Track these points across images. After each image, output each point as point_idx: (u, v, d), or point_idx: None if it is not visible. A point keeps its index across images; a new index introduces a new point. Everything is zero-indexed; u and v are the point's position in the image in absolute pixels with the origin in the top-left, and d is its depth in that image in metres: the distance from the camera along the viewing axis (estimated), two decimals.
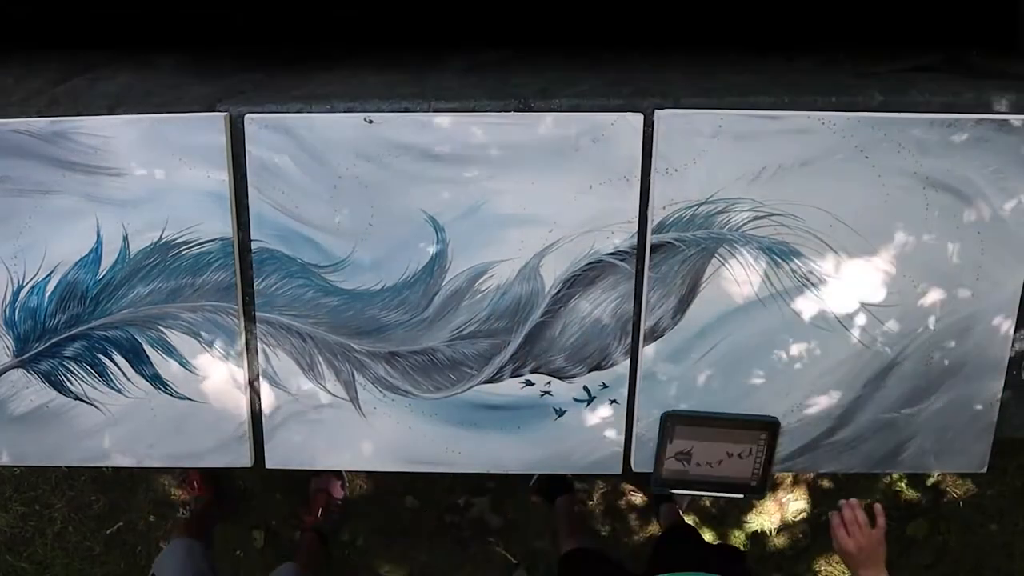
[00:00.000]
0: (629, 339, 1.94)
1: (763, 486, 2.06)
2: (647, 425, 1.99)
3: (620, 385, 1.97)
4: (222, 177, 1.83)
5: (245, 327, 1.94)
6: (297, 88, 1.90)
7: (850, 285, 1.91)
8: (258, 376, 1.97)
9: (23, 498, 3.54)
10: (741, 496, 2.09)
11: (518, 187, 1.84)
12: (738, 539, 3.41)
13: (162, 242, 1.87)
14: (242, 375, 1.96)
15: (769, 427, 1.99)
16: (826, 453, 2.03)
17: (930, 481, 3.43)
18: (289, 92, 1.89)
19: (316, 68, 2.00)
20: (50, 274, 1.90)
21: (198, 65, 2.02)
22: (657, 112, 1.81)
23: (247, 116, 1.81)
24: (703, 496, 2.02)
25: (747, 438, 2.00)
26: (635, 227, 1.87)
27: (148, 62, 2.03)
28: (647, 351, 1.94)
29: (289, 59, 2.05)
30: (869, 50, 2.02)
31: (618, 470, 2.04)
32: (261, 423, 2.01)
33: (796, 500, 3.39)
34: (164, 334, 1.93)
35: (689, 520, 3.22)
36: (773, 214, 1.86)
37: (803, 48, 2.05)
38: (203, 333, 1.93)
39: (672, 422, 1.98)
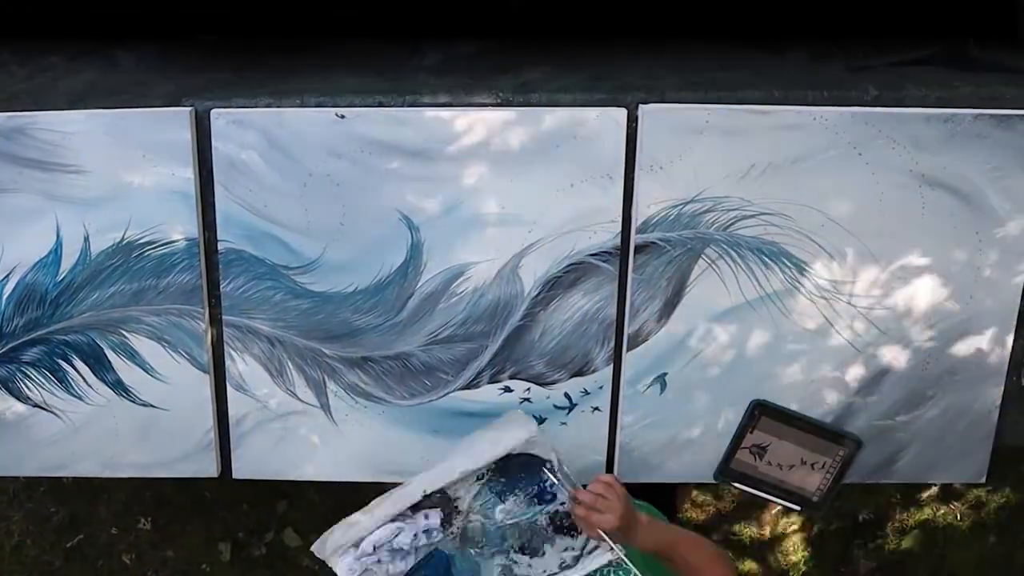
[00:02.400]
0: (612, 344, 1.97)
1: (824, 504, 2.09)
2: (631, 434, 2.03)
3: (602, 392, 2.00)
4: (187, 175, 1.86)
5: (211, 331, 1.97)
6: (266, 83, 1.93)
7: (842, 287, 1.94)
8: (225, 382, 2.00)
9: None
10: (798, 509, 2.11)
11: (496, 185, 1.87)
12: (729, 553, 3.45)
13: (125, 242, 1.90)
14: (208, 381, 1.99)
15: (851, 444, 2.03)
16: None
17: (926, 491, 3.45)
18: (257, 87, 1.91)
19: (286, 62, 2.02)
20: (7, 276, 1.92)
21: (163, 62, 2.04)
22: (641, 107, 1.85)
23: (213, 111, 1.84)
24: (762, 498, 2.04)
25: (826, 450, 2.03)
26: (618, 227, 1.90)
27: (112, 59, 2.06)
28: (631, 356, 1.97)
29: (258, 54, 2.07)
30: (863, 43, 2.05)
31: None
32: (228, 431, 2.04)
33: (785, 512, 3.42)
34: (127, 338, 1.96)
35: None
36: (762, 213, 1.89)
37: (794, 41, 2.07)
38: (167, 337, 1.96)
39: (760, 412, 2.01)
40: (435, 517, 1.80)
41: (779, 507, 2.20)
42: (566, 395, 2.01)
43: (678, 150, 1.86)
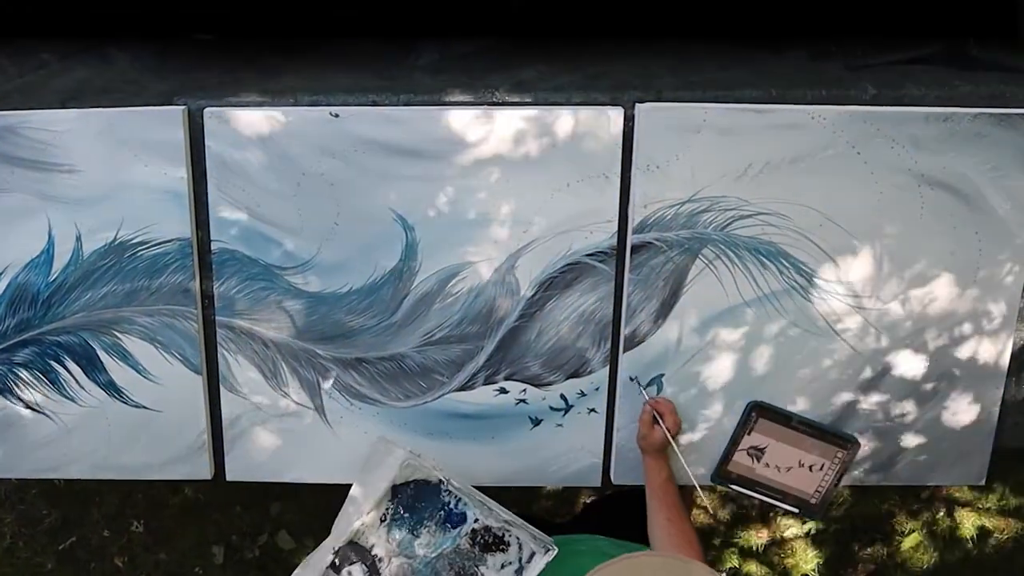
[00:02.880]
0: (608, 345, 1.98)
1: (821, 507, 2.10)
2: (627, 435, 2.03)
3: (599, 393, 2.01)
4: (180, 174, 1.87)
5: (204, 332, 1.98)
6: (260, 82, 1.94)
7: (841, 287, 1.95)
8: (218, 384, 2.01)
9: None
10: (796, 511, 2.11)
11: (492, 185, 1.88)
12: (731, 558, 3.46)
13: (117, 242, 1.91)
14: (201, 383, 2.00)
15: (849, 446, 2.03)
16: None
17: (925, 494, 3.46)
18: (251, 86, 1.92)
19: (280, 62, 2.03)
20: None
21: (157, 61, 2.05)
22: (638, 106, 1.86)
23: (206, 110, 1.86)
24: (760, 500, 2.04)
25: (824, 452, 2.04)
26: (615, 227, 1.91)
27: (105, 57, 2.06)
28: (627, 357, 1.98)
29: (252, 53, 2.07)
30: (861, 41, 2.05)
31: (597, 483, 2.08)
32: (221, 433, 2.05)
33: (784, 515, 3.42)
34: (119, 339, 1.97)
35: None
36: (760, 213, 1.90)
37: (792, 39, 2.07)
38: (160, 338, 1.97)
39: (757, 413, 2.02)
40: (358, 572, 1.81)
41: (778, 509, 2.20)
42: (562, 396, 2.02)
43: (675, 149, 1.87)
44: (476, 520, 1.83)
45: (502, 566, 1.82)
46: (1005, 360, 2.02)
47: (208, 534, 3.53)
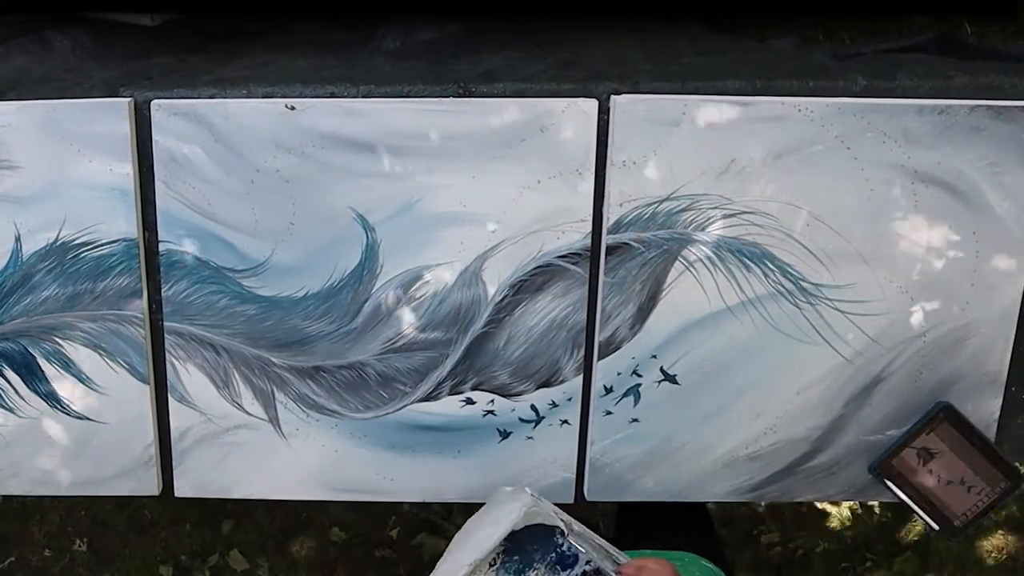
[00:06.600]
0: (582, 352, 2.03)
1: (963, 530, 2.12)
2: (602, 449, 2.08)
3: (572, 404, 2.06)
4: (126, 170, 1.92)
5: (151, 338, 2.03)
6: (210, 71, 1.97)
7: (830, 292, 1.99)
8: (166, 394, 2.05)
9: None
10: (936, 528, 2.13)
11: (457, 182, 1.93)
12: None
13: (59, 243, 1.95)
14: (148, 392, 2.04)
15: (1014, 479, 2.07)
16: (802, 480, 2.11)
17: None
18: (201, 75, 1.96)
19: (231, 48, 2.06)
20: None
21: (99, 47, 2.08)
22: (613, 98, 1.90)
23: (154, 102, 1.89)
24: (905, 503, 2.06)
25: (990, 476, 2.07)
26: (589, 227, 1.95)
27: (44, 43, 2.10)
28: (602, 366, 2.03)
29: (201, 38, 2.11)
30: (851, 27, 2.09)
31: (570, 499, 2.12)
32: (170, 447, 2.08)
33: (769, 532, 3.45)
34: (61, 346, 2.01)
35: None
36: (743, 212, 1.94)
37: (777, 25, 2.10)
38: (104, 345, 2.01)
39: (944, 415, 2.05)
40: None
41: (770, 534, 2.25)
42: (532, 407, 2.06)
43: (653, 144, 1.90)
44: (588, 563, 1.82)
45: None
46: (1004, 367, 2.06)
47: (156, 554, 3.55)
